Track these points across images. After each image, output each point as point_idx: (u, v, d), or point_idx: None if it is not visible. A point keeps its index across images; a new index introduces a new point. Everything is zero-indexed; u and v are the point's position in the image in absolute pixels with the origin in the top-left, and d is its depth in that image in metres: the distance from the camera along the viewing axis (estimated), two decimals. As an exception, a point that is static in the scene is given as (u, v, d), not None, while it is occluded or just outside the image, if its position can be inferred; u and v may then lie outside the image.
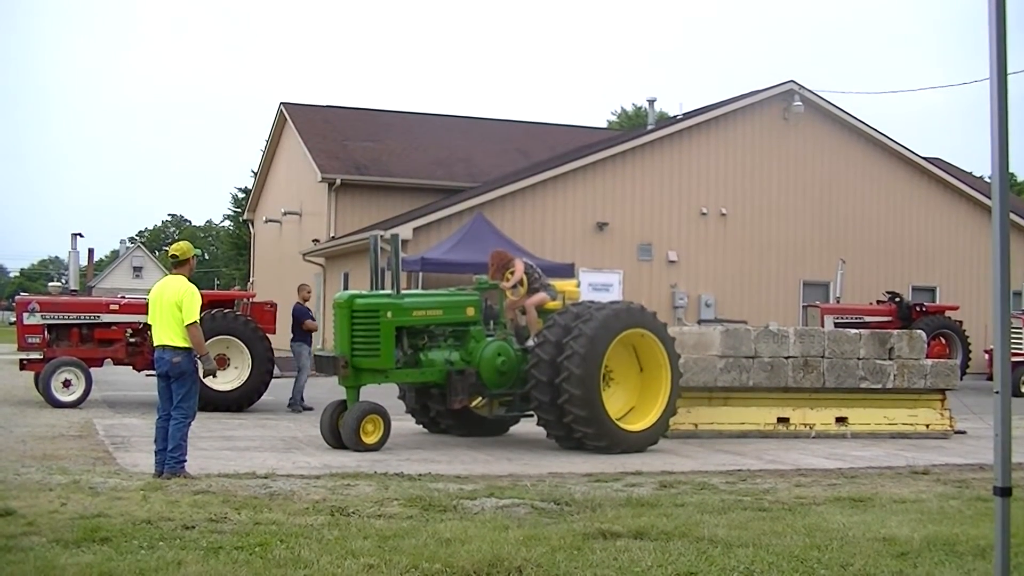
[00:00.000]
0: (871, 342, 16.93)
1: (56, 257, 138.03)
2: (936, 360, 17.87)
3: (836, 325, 29.68)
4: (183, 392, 10.85)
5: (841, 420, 16.47)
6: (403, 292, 14.72)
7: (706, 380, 15.87)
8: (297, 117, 41.66)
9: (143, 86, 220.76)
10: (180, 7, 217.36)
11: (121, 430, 14.83)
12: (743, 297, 33.42)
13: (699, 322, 28.30)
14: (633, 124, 64.04)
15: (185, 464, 10.78)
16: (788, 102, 34.23)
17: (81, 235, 21.08)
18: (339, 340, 14.01)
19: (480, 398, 14.95)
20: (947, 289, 35.82)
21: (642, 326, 14.50)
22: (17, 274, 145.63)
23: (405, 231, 29.82)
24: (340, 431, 13.62)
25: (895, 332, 17.72)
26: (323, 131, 40.10)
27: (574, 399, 13.71)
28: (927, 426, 16.98)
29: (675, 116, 36.19)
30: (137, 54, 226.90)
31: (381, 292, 14.52)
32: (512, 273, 15.24)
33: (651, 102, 39.07)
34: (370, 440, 13.48)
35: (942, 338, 30.18)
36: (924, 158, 36.92)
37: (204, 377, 11.88)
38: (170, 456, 10.70)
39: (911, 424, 16.91)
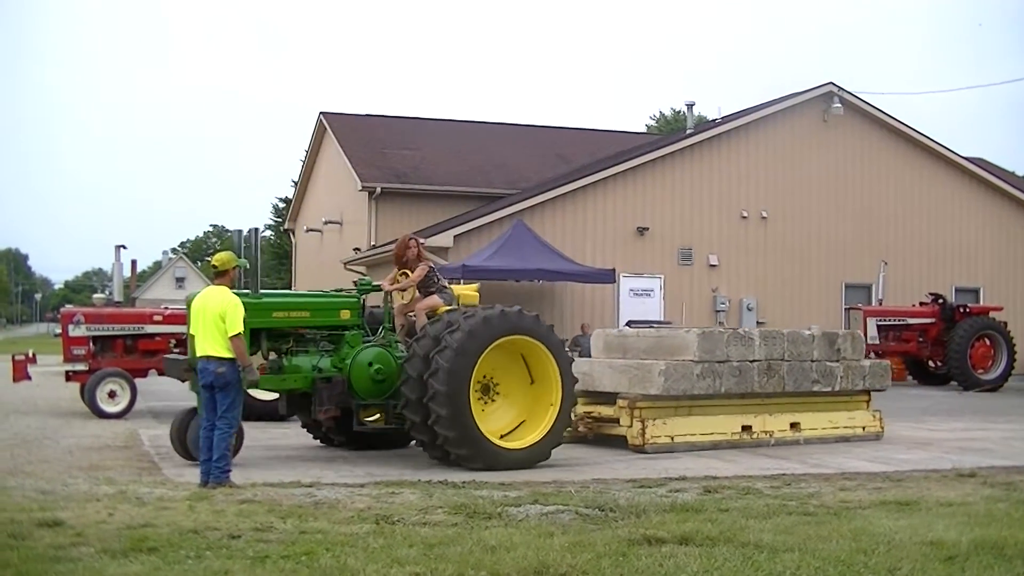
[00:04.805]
0: (823, 343, 16.40)
1: (100, 269, 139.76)
2: (874, 361, 17.47)
3: (879, 327, 29.50)
4: (227, 402, 10.93)
5: (794, 425, 15.87)
6: (267, 292, 13.92)
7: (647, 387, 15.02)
8: (336, 126, 41.84)
9: (184, 98, 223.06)
10: (219, 19, 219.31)
11: (166, 440, 14.82)
12: (785, 300, 33.26)
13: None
14: (672, 128, 63.90)
15: (230, 474, 10.86)
16: (827, 104, 34.07)
17: (124, 247, 21.32)
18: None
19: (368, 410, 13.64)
20: (991, 290, 35.49)
21: (522, 332, 13.10)
22: (61, 286, 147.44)
23: (446, 239, 29.89)
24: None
25: (841, 332, 17.28)
26: (362, 140, 40.23)
27: (441, 420, 12.42)
28: (863, 428, 16.53)
29: (714, 120, 36.07)
30: (178, 67, 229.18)
31: (239, 292, 13.16)
32: (405, 275, 14.24)
33: (690, 106, 38.98)
34: None
35: (987, 339, 29.84)
36: (966, 158, 36.61)
37: (247, 388, 11.92)
38: (215, 466, 10.78)
39: (850, 427, 16.41)
